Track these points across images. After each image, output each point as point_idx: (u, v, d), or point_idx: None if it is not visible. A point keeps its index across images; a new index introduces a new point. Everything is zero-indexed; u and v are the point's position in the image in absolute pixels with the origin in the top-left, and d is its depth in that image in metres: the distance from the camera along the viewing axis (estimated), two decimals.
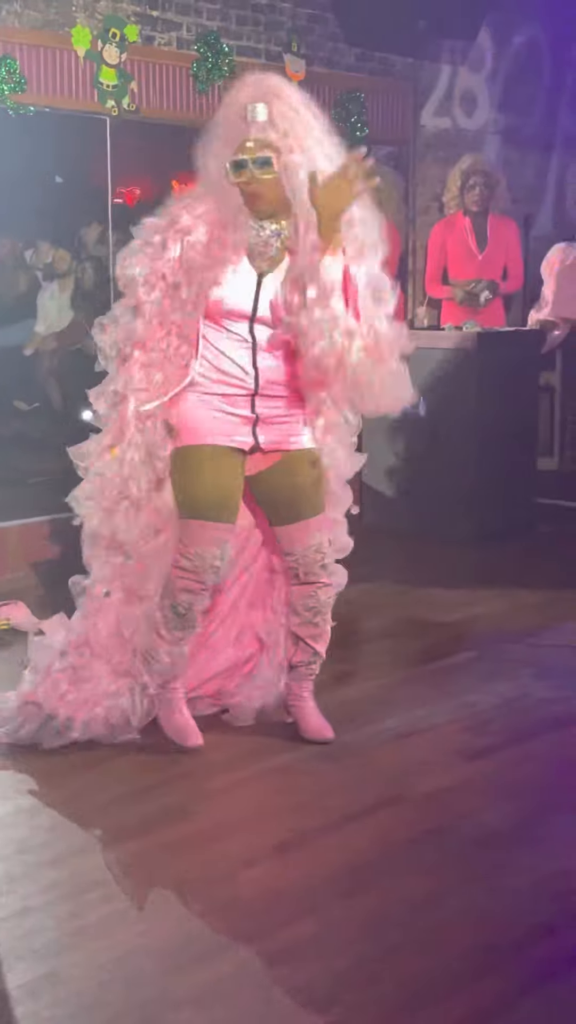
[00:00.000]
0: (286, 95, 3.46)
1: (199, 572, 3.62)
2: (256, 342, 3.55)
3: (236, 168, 3.43)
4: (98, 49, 5.79)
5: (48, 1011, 2.47)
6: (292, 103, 3.45)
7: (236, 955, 2.66)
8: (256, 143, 3.41)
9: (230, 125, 3.46)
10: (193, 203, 3.53)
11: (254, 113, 3.40)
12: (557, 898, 2.90)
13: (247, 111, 3.41)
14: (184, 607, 3.67)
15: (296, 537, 3.71)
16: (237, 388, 3.57)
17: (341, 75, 6.98)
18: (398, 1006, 2.49)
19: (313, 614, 3.78)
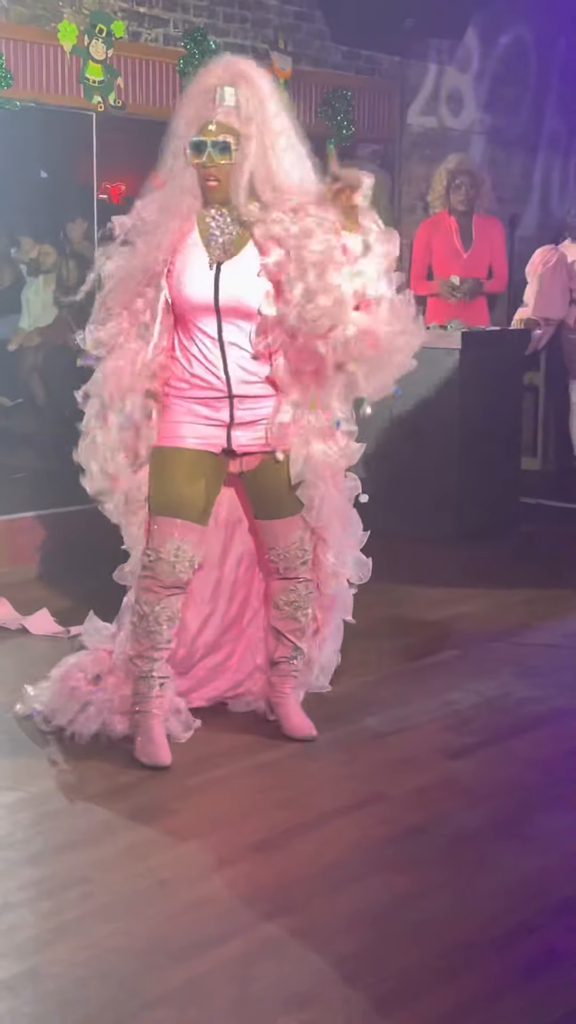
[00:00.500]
0: (255, 81, 3.44)
1: (155, 568, 3.57)
2: (224, 340, 3.50)
3: (195, 149, 3.42)
4: (84, 44, 5.78)
5: (27, 1007, 2.46)
6: (260, 90, 3.44)
7: (214, 953, 2.66)
8: (218, 127, 3.40)
9: (196, 106, 3.45)
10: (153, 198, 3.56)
11: (221, 96, 3.39)
12: (537, 896, 2.92)
13: (215, 93, 3.40)
14: (145, 608, 3.60)
15: (279, 532, 3.70)
16: (211, 391, 3.54)
17: (328, 73, 6.98)
18: (377, 1003, 2.49)
19: (293, 608, 3.77)
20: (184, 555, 3.58)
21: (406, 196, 7.51)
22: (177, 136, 3.49)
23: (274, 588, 3.79)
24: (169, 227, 3.48)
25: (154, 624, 3.61)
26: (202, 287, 3.48)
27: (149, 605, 3.60)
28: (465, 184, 7.22)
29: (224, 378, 3.52)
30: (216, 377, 3.53)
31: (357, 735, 3.87)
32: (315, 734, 3.79)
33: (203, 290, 3.48)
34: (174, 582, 3.59)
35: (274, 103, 3.46)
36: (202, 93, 3.44)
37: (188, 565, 3.60)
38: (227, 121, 3.40)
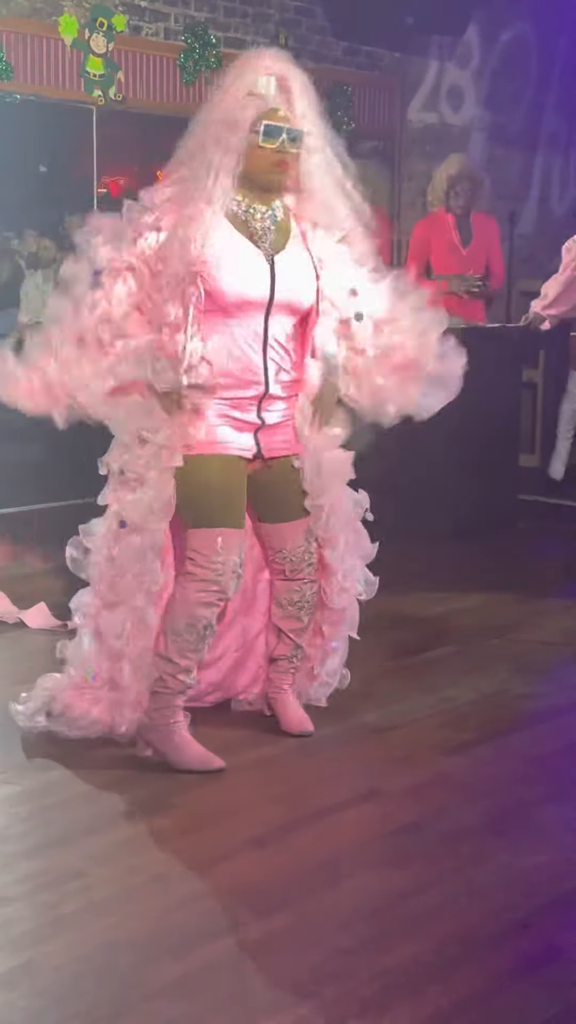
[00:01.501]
0: (300, 76, 3.38)
1: (222, 581, 3.45)
2: (268, 336, 3.42)
3: (270, 133, 3.27)
4: (85, 38, 5.78)
5: (24, 1001, 2.47)
6: (305, 85, 3.38)
7: (211, 947, 2.67)
8: (285, 116, 3.31)
9: (240, 97, 3.29)
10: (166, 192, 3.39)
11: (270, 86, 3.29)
12: (533, 892, 2.92)
13: (268, 83, 3.29)
14: (204, 623, 3.48)
15: (287, 535, 3.67)
16: (246, 390, 3.44)
17: (328, 69, 6.98)
18: (373, 998, 2.49)
19: (297, 608, 3.75)
20: (241, 564, 3.53)
21: (406, 192, 7.51)
22: (215, 123, 3.30)
23: (278, 588, 3.76)
24: (203, 219, 3.30)
25: (208, 635, 3.52)
26: (258, 283, 3.36)
27: (208, 618, 3.48)
28: (466, 191, 7.20)
29: (263, 377, 3.44)
30: (254, 375, 3.43)
31: (354, 731, 3.87)
32: (311, 729, 3.79)
33: (257, 286, 3.36)
34: (236, 589, 3.54)
35: (318, 108, 3.41)
36: (248, 82, 3.30)
37: (243, 572, 3.57)
38: (287, 112, 3.32)
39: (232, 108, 3.29)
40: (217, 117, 3.31)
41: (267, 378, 3.44)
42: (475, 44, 7.87)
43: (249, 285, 3.35)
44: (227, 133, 3.28)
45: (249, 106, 3.28)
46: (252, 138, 3.29)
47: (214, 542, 3.45)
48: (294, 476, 3.61)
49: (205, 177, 3.30)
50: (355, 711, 4.02)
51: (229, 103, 3.30)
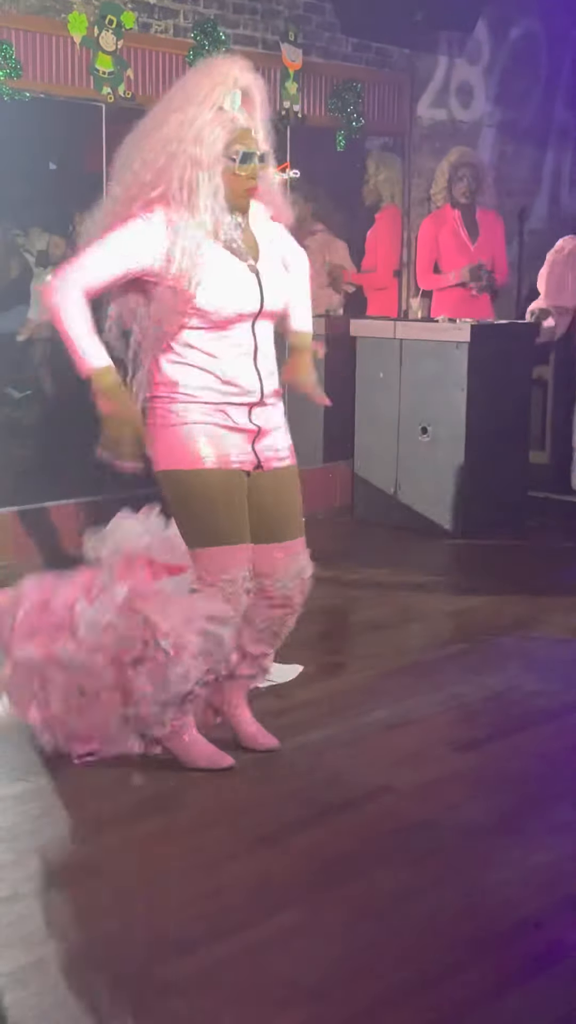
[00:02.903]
0: (262, 87, 3.34)
1: (234, 599, 3.36)
2: (257, 343, 3.39)
3: (246, 160, 3.26)
4: (94, 35, 5.78)
5: (35, 998, 2.47)
6: (264, 95, 3.35)
7: (222, 944, 2.67)
8: (254, 135, 3.29)
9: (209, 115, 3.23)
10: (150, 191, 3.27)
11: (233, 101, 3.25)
12: (544, 890, 2.92)
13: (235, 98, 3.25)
14: (215, 640, 3.38)
15: (278, 559, 3.48)
16: (238, 398, 3.36)
17: (338, 65, 6.97)
18: (383, 997, 2.49)
19: (272, 635, 3.58)
20: (249, 579, 3.41)
21: (416, 188, 7.50)
22: (187, 140, 3.22)
23: (259, 611, 3.51)
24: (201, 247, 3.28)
25: (227, 651, 3.45)
26: (248, 295, 3.32)
27: (219, 635, 3.38)
28: (467, 176, 7.22)
29: (257, 380, 3.38)
30: (248, 380, 3.36)
31: (364, 728, 3.87)
32: (277, 744, 3.65)
33: (249, 298, 3.32)
34: (243, 607, 3.42)
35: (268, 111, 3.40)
36: (216, 98, 3.24)
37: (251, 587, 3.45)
38: (258, 131, 3.30)
39: (203, 126, 3.23)
40: (187, 133, 3.24)
41: (261, 385, 3.39)
42: (485, 40, 7.85)
43: (243, 299, 3.33)
44: (203, 154, 3.23)
45: (222, 126, 3.24)
46: (228, 164, 3.26)
47: (224, 560, 3.36)
48: (275, 492, 3.47)
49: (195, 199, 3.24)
50: (365, 708, 4.02)
51: (199, 120, 3.24)
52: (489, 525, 6.51)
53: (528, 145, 8.31)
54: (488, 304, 7.33)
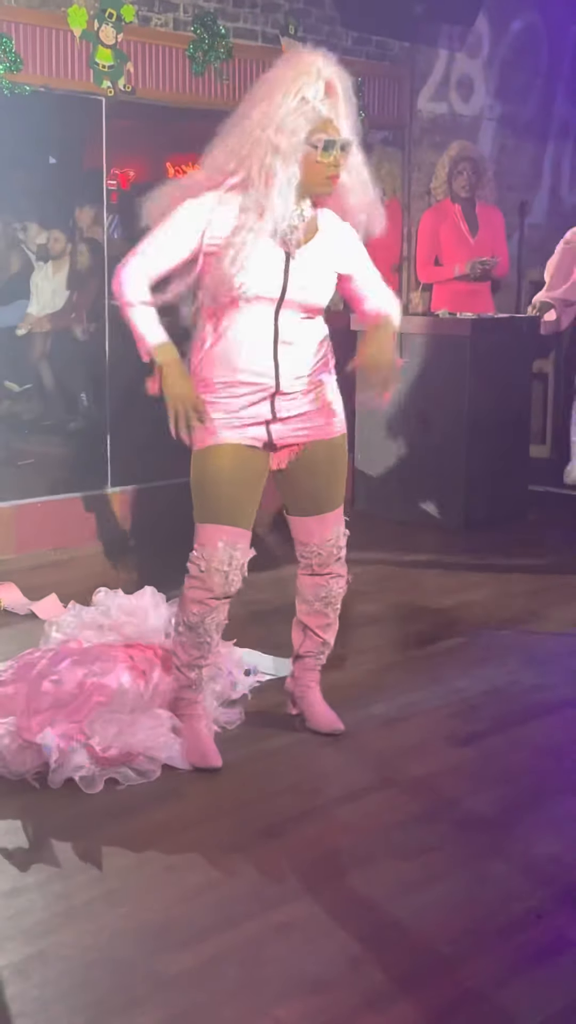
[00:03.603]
0: (346, 79, 3.33)
1: (205, 578, 3.42)
2: (279, 331, 3.37)
3: (328, 148, 3.24)
4: (94, 29, 5.77)
5: (37, 991, 2.47)
6: (349, 89, 3.34)
7: (223, 937, 2.67)
8: (336, 125, 3.27)
9: (292, 104, 3.22)
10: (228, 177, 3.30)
11: (321, 93, 3.24)
12: (544, 883, 2.92)
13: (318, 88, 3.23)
14: (196, 618, 3.46)
15: (314, 530, 3.59)
16: (254, 387, 3.37)
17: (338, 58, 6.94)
18: (385, 988, 2.50)
19: (324, 604, 3.67)
20: (235, 562, 3.43)
21: (417, 183, 7.49)
22: (269, 128, 3.22)
23: (304, 583, 3.67)
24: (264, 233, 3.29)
25: (204, 635, 3.49)
26: (271, 278, 3.31)
27: (199, 616, 3.46)
28: (467, 170, 7.24)
29: (274, 370, 3.37)
30: (264, 369, 3.36)
31: (365, 721, 3.87)
32: (342, 727, 3.73)
33: (271, 281, 3.31)
34: (226, 593, 3.46)
35: (356, 109, 3.39)
36: (299, 87, 3.23)
37: (239, 575, 3.46)
38: (336, 120, 3.28)
39: (286, 115, 3.23)
40: (271, 122, 3.23)
41: (278, 375, 3.38)
42: (485, 34, 7.84)
43: (261, 281, 3.30)
44: (284, 142, 3.22)
45: (304, 116, 3.24)
46: (309, 151, 3.25)
47: (215, 539, 3.41)
48: (322, 466, 3.54)
49: (268, 189, 3.25)
50: (366, 702, 4.02)
51: (282, 109, 3.23)
52: (489, 519, 6.52)
53: (529, 139, 8.30)
54: (489, 298, 7.33)
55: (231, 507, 3.43)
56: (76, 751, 3.38)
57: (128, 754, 3.43)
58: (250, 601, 4.42)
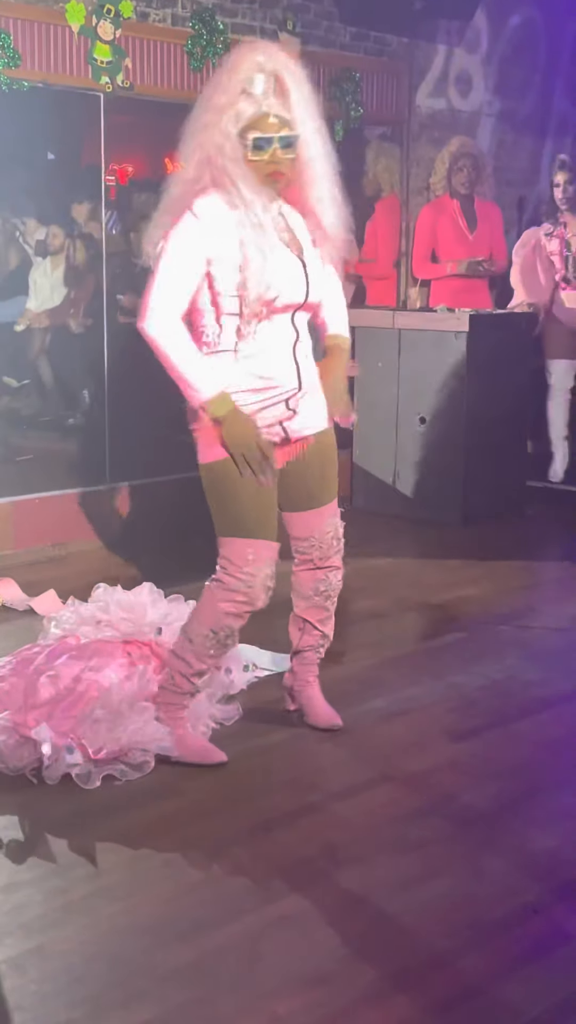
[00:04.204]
0: (295, 70, 3.28)
1: (251, 593, 3.37)
2: (299, 333, 3.36)
3: (259, 146, 3.21)
4: (92, 25, 5.76)
5: (35, 985, 2.48)
6: (300, 79, 3.29)
7: (221, 932, 2.68)
8: (279, 120, 3.22)
9: (233, 97, 3.21)
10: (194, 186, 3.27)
11: (269, 86, 3.20)
12: (542, 877, 2.93)
13: (262, 82, 3.20)
14: (227, 632, 3.42)
15: (313, 523, 3.58)
16: (278, 391, 3.33)
17: (336, 54, 6.95)
18: (383, 983, 2.50)
19: (324, 598, 3.66)
20: (273, 577, 3.41)
21: (415, 178, 7.49)
22: (211, 126, 3.22)
23: (302, 579, 3.65)
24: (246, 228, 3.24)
25: (229, 644, 3.47)
26: (297, 285, 3.30)
27: (232, 628, 3.42)
28: (467, 166, 7.25)
29: (295, 372, 3.35)
30: (288, 371, 3.34)
31: (363, 716, 3.87)
32: (340, 723, 3.74)
33: (297, 287, 3.30)
34: (263, 603, 3.41)
35: (309, 92, 3.32)
36: (240, 81, 3.21)
37: (273, 585, 3.44)
38: (283, 114, 3.23)
39: (224, 111, 3.21)
40: (210, 119, 3.23)
41: (299, 376, 3.37)
42: (484, 29, 7.83)
43: (291, 290, 3.29)
44: (224, 141, 3.21)
45: (239, 112, 3.20)
46: (244, 150, 3.22)
47: (245, 553, 3.36)
48: (316, 458, 3.52)
49: (235, 189, 3.22)
50: (364, 697, 4.03)
51: (221, 104, 3.21)
52: (487, 514, 6.52)
53: (527, 134, 8.30)
54: (487, 294, 7.34)
55: (269, 519, 3.40)
56: (70, 749, 3.39)
57: (120, 750, 3.44)
58: None
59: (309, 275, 3.34)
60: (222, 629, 3.42)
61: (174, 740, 3.51)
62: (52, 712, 3.48)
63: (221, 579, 3.41)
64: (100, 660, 3.71)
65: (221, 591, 3.40)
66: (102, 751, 3.40)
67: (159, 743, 3.47)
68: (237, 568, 3.37)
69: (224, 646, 3.47)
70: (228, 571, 3.39)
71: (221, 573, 3.41)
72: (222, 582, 3.40)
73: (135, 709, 3.53)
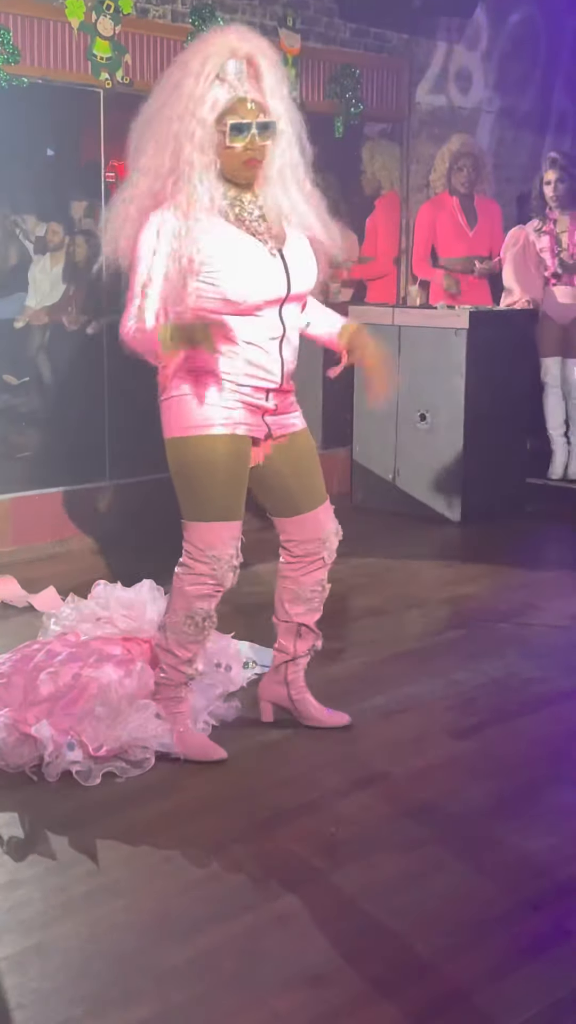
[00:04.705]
0: (268, 52, 3.22)
1: (218, 575, 3.37)
2: (286, 328, 3.31)
3: (238, 131, 3.14)
4: (92, 21, 5.76)
5: (35, 983, 2.48)
6: (274, 61, 3.22)
7: (220, 929, 2.68)
8: (256, 105, 3.16)
9: (205, 85, 3.13)
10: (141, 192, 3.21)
11: (240, 71, 3.14)
12: (541, 874, 2.92)
13: (231, 67, 3.14)
14: (202, 616, 3.43)
15: (322, 521, 3.55)
16: (259, 382, 3.31)
17: (336, 50, 6.94)
18: (382, 980, 2.50)
19: (319, 598, 3.64)
20: (238, 556, 3.41)
21: (415, 175, 7.48)
22: (182, 114, 3.13)
23: (303, 582, 3.59)
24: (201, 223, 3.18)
25: (208, 626, 3.47)
26: (276, 281, 3.26)
27: (206, 610, 3.42)
28: (468, 166, 7.25)
29: (280, 366, 3.33)
30: (271, 366, 3.32)
31: (363, 714, 3.87)
32: (348, 720, 3.73)
33: (277, 284, 3.26)
34: (231, 583, 3.42)
35: (287, 85, 3.27)
36: (214, 66, 3.14)
37: (239, 565, 3.44)
38: (259, 99, 3.17)
39: (197, 98, 3.14)
40: (183, 108, 3.16)
41: (282, 370, 3.35)
42: (484, 26, 7.83)
43: (269, 286, 3.25)
44: (196, 128, 3.13)
45: (215, 98, 3.14)
46: (220, 137, 3.17)
47: (209, 537, 3.36)
48: (307, 454, 3.52)
49: (192, 177, 3.16)
50: (363, 695, 4.03)
51: (194, 91, 3.14)
52: (487, 512, 6.52)
53: (527, 131, 8.29)
54: (487, 291, 7.34)
55: (236, 502, 3.38)
56: (71, 745, 3.39)
57: (121, 748, 3.44)
58: (246, 593, 4.42)
59: (289, 266, 3.29)
60: (197, 613, 3.42)
61: (175, 737, 3.50)
62: (52, 709, 3.48)
63: (187, 563, 3.41)
64: (100, 657, 3.71)
65: (188, 576, 3.41)
66: (102, 748, 3.40)
67: (159, 740, 3.47)
68: (201, 552, 3.37)
69: (203, 629, 3.46)
70: (193, 555, 3.39)
71: (186, 558, 3.41)
72: (188, 567, 3.41)
73: (135, 706, 3.53)
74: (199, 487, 3.35)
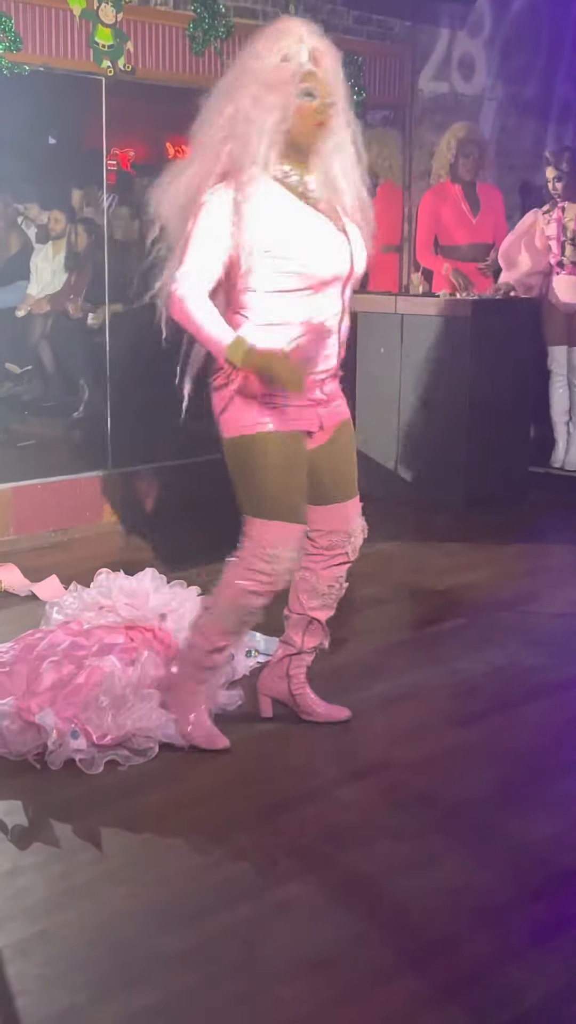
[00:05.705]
0: (333, 52, 3.25)
1: (275, 575, 3.32)
2: (344, 307, 3.28)
3: (310, 93, 3.14)
4: (94, 8, 5.74)
5: (38, 969, 2.49)
6: (335, 57, 3.25)
7: (224, 916, 2.68)
8: (324, 83, 3.17)
9: (275, 62, 3.16)
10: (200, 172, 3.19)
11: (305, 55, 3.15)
12: (544, 863, 2.93)
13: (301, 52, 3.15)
14: (247, 611, 3.38)
15: (351, 514, 3.55)
16: (321, 368, 3.28)
17: (339, 38, 6.83)
18: (383, 968, 2.51)
19: (335, 595, 3.62)
20: (297, 559, 3.40)
21: (418, 162, 7.47)
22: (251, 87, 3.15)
23: (322, 577, 3.56)
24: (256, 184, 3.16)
25: (250, 620, 3.43)
26: (342, 258, 3.24)
27: (251, 606, 3.37)
28: (473, 154, 7.22)
29: (336, 347, 3.29)
30: (332, 347, 3.29)
31: (365, 702, 3.87)
32: (349, 714, 3.72)
33: (342, 260, 3.24)
34: (283, 585, 3.40)
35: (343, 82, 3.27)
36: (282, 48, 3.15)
37: (295, 568, 3.44)
38: (325, 79, 3.18)
39: (269, 72, 3.16)
40: (253, 81, 3.17)
41: (336, 356, 3.33)
42: (486, 13, 7.80)
43: (338, 261, 3.24)
44: (266, 94, 3.14)
45: (286, 68, 3.15)
46: (293, 98, 3.16)
47: (270, 534, 3.31)
48: (349, 445, 3.50)
49: (255, 140, 3.15)
50: (366, 683, 4.03)
51: (265, 68, 3.17)
52: (490, 500, 6.51)
53: (530, 119, 8.27)
54: (489, 279, 7.32)
55: (296, 500, 3.35)
56: (75, 733, 3.39)
57: (124, 736, 3.44)
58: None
59: (352, 244, 3.28)
60: (243, 607, 3.38)
61: (191, 720, 3.49)
62: (55, 698, 3.49)
63: (243, 557, 3.35)
64: (102, 646, 3.71)
65: (242, 569, 3.35)
66: (107, 737, 3.41)
67: (163, 731, 3.47)
68: (261, 549, 3.32)
69: (245, 623, 3.44)
70: (251, 551, 3.34)
71: (244, 552, 3.36)
72: (244, 560, 3.35)
73: (139, 695, 3.54)
74: (256, 482, 3.31)
